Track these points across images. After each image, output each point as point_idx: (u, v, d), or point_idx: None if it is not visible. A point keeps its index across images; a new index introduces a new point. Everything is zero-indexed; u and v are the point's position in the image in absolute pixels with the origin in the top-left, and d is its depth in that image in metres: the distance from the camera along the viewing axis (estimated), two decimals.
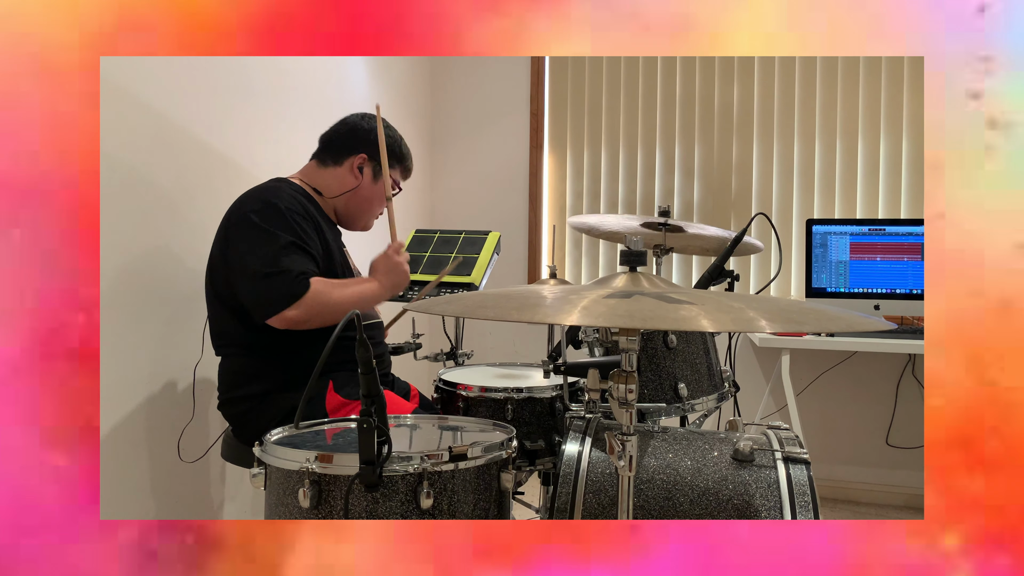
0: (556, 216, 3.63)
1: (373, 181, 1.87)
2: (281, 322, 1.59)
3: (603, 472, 1.29)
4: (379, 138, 1.82)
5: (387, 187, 1.83)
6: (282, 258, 1.60)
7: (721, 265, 1.76)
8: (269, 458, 1.18)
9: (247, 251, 1.63)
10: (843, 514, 3.06)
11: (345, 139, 1.87)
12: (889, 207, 3.21)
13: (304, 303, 1.58)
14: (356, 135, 1.87)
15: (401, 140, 1.93)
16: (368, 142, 1.85)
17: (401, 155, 1.92)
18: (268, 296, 1.58)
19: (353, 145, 1.86)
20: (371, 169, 1.86)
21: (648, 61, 3.46)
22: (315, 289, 1.60)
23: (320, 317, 1.61)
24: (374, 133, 1.85)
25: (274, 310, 1.58)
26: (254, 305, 1.62)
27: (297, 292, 1.58)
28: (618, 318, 0.89)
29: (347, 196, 1.86)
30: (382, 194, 1.86)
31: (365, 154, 1.85)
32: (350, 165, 1.85)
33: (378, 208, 1.92)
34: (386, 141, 1.85)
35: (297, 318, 1.58)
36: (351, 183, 1.85)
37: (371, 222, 1.95)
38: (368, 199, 1.88)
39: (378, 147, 1.83)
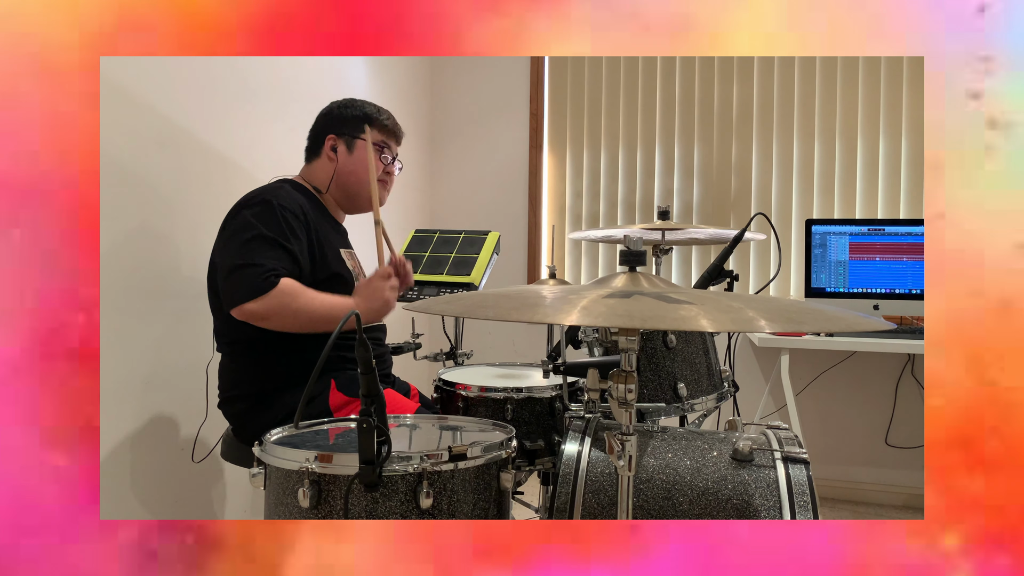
0: (556, 216, 3.63)
1: (349, 153, 1.86)
2: (241, 314, 1.58)
3: (602, 472, 1.29)
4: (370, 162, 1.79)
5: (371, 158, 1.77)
6: (256, 252, 1.60)
7: (720, 265, 1.76)
8: (269, 458, 1.18)
9: (227, 244, 1.65)
10: (843, 514, 3.07)
11: (316, 130, 1.90)
12: (888, 207, 3.21)
13: (267, 299, 1.56)
14: (322, 121, 1.89)
15: (366, 105, 1.90)
16: (331, 122, 1.87)
17: (366, 116, 1.87)
18: (234, 287, 1.58)
19: (321, 131, 1.88)
20: (343, 144, 1.86)
21: (648, 61, 3.47)
22: (282, 288, 1.58)
23: (280, 317, 1.58)
24: (333, 111, 1.88)
25: (236, 301, 1.57)
26: (223, 295, 1.62)
27: (262, 287, 1.56)
28: (617, 318, 0.89)
29: (334, 181, 1.86)
30: (365, 162, 1.82)
31: (332, 134, 1.86)
32: (326, 151, 1.87)
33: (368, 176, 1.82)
34: (346, 111, 1.86)
35: (256, 312, 1.56)
36: (331, 166, 1.86)
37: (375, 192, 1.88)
38: (352, 171, 1.85)
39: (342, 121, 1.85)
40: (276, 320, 1.59)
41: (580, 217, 3.58)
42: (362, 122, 1.86)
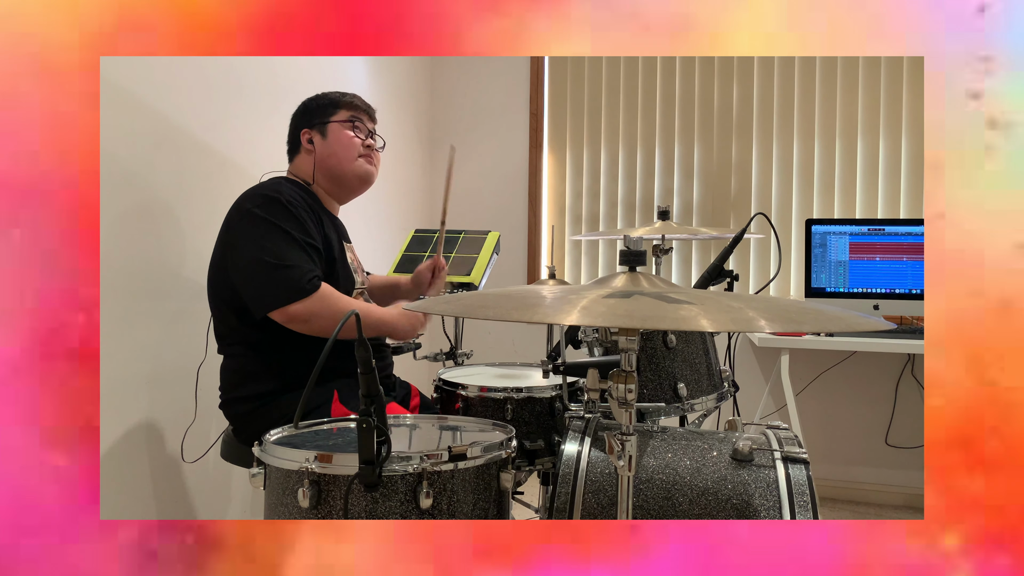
0: (555, 216, 3.63)
1: (324, 138, 1.86)
2: (283, 316, 1.58)
3: (602, 472, 1.29)
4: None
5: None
6: (290, 253, 1.60)
7: (720, 265, 1.76)
8: (268, 458, 1.18)
9: (252, 244, 1.62)
10: (842, 514, 3.07)
11: (291, 129, 1.91)
12: (888, 207, 3.21)
13: (311, 301, 1.58)
14: (294, 120, 1.91)
15: (331, 92, 1.91)
16: (301, 117, 1.88)
17: (332, 101, 1.88)
18: (274, 289, 1.58)
19: (295, 128, 1.89)
20: (317, 133, 1.86)
21: (648, 61, 3.46)
22: (324, 291, 1.61)
23: (321, 320, 1.60)
24: (301, 107, 1.89)
25: (279, 303, 1.58)
26: (256, 297, 1.61)
27: (306, 289, 1.58)
28: (617, 318, 0.89)
29: (317, 170, 1.85)
30: (342, 140, 1.85)
31: (305, 128, 1.87)
32: (303, 145, 1.87)
33: (349, 153, 1.85)
34: (312, 103, 1.88)
35: (299, 314, 1.58)
36: (310, 158, 1.86)
37: (360, 168, 1.87)
38: (331, 154, 1.85)
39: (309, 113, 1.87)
40: (318, 322, 1.60)
41: (580, 217, 3.58)
42: (330, 107, 1.87)
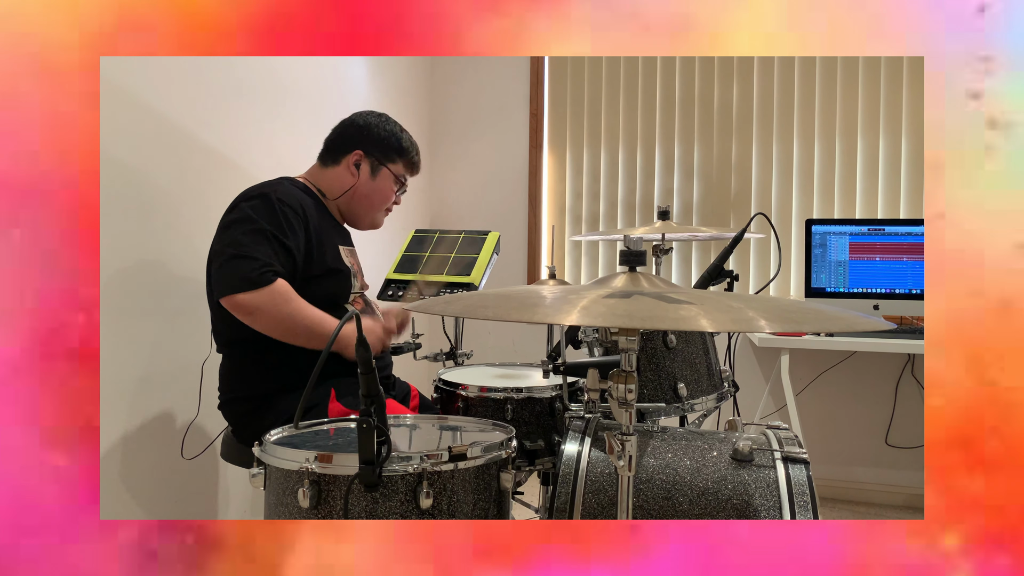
0: (555, 216, 3.63)
1: (371, 177, 1.85)
2: (231, 304, 1.57)
3: (602, 472, 1.29)
4: None
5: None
6: (252, 244, 1.59)
7: (720, 265, 1.76)
8: (269, 458, 1.18)
9: (223, 234, 1.64)
10: (842, 514, 3.07)
11: (343, 138, 1.87)
12: (888, 207, 3.21)
13: (260, 293, 1.55)
14: (352, 132, 1.86)
15: (402, 133, 1.89)
16: (364, 138, 1.85)
17: (401, 148, 1.88)
18: (227, 275, 1.57)
19: (350, 143, 1.85)
20: (368, 165, 1.85)
21: (648, 61, 3.46)
22: (276, 287, 1.57)
23: (266, 316, 1.57)
24: (370, 128, 1.85)
25: (228, 290, 1.56)
26: (214, 283, 1.62)
27: (257, 281, 1.55)
28: (617, 318, 0.89)
29: (347, 195, 1.85)
30: (383, 191, 1.86)
31: (361, 151, 1.84)
32: (347, 163, 1.84)
33: (381, 205, 1.90)
34: (383, 134, 1.85)
35: (246, 304, 1.55)
36: (349, 181, 1.84)
37: (379, 219, 1.93)
38: (367, 196, 1.86)
39: (375, 143, 1.84)
40: (262, 318, 1.57)
41: (580, 217, 3.58)
42: (396, 152, 1.86)
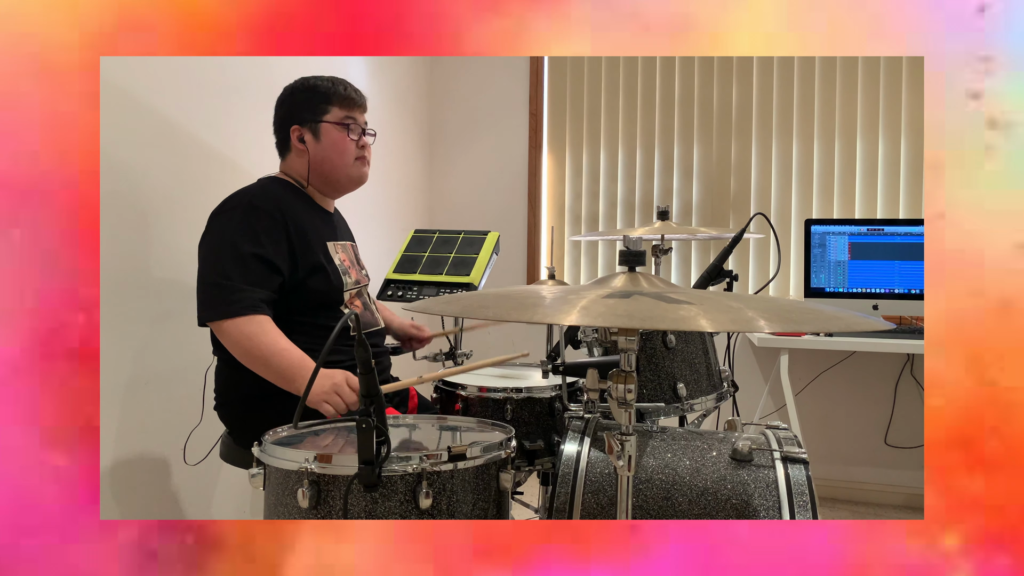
0: (555, 216, 3.63)
1: (317, 140, 1.80)
2: (214, 328, 1.60)
3: (602, 472, 1.29)
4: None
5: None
6: (235, 271, 1.59)
7: (720, 265, 1.76)
8: (268, 458, 1.17)
9: (206, 256, 1.65)
10: (842, 514, 3.07)
11: (277, 123, 1.85)
12: (888, 207, 3.21)
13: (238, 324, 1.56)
14: (281, 114, 1.83)
15: (319, 82, 1.81)
16: (289, 112, 1.81)
17: (324, 96, 1.80)
18: (210, 302, 1.59)
19: (284, 124, 1.82)
20: (309, 132, 1.80)
21: (648, 61, 3.46)
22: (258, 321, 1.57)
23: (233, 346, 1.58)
24: (289, 99, 1.81)
25: (209, 317, 1.59)
26: (198, 304, 1.63)
27: (230, 312, 1.57)
28: (617, 318, 0.89)
29: (312, 172, 1.81)
30: (336, 144, 1.79)
31: (295, 124, 1.80)
32: (294, 144, 1.81)
33: (343, 159, 1.81)
34: (301, 97, 1.80)
35: (225, 333, 1.58)
36: (304, 158, 1.81)
37: (353, 172, 1.84)
38: (325, 159, 1.80)
39: (300, 108, 1.79)
40: (231, 348, 1.59)
41: (580, 217, 3.58)
42: (322, 102, 1.80)
